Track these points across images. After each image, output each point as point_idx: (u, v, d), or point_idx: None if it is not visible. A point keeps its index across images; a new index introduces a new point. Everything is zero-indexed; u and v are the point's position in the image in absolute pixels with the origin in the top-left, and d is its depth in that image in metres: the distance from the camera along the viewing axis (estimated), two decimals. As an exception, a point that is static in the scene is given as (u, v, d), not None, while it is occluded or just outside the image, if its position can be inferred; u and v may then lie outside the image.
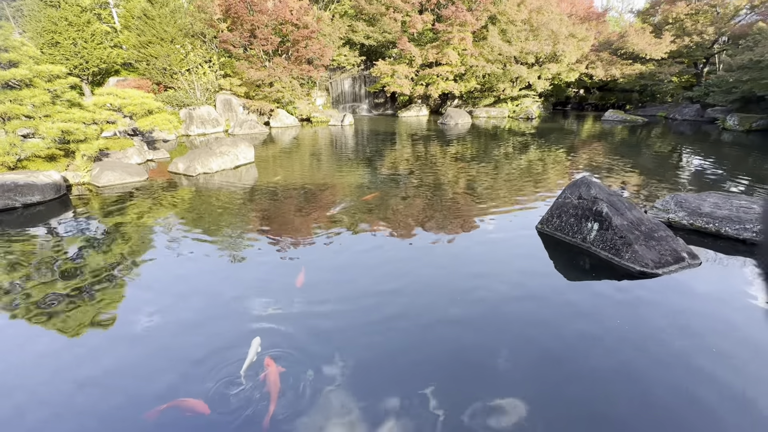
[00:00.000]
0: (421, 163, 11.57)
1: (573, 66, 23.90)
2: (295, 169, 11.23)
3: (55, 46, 21.03)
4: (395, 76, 23.77)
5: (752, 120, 16.07)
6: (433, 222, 6.69)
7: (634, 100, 25.43)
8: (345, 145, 15.37)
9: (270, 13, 19.95)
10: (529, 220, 6.59)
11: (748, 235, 5.36)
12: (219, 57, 22.55)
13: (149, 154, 12.50)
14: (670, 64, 22.56)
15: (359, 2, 25.34)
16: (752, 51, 16.42)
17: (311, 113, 22.63)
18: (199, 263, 5.37)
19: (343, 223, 6.66)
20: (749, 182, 8.68)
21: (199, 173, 10.25)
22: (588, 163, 11.15)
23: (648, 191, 8.16)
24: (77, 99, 10.10)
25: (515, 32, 23.07)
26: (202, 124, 18.69)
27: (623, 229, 4.93)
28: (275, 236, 6.22)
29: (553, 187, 8.81)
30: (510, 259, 5.30)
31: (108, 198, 8.45)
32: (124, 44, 24.97)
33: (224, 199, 8.31)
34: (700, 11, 22.28)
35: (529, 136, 16.42)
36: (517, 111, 24.12)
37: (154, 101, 12.74)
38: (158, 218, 7.14)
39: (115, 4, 27.65)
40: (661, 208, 6.23)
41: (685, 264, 4.78)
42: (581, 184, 5.56)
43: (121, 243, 6.05)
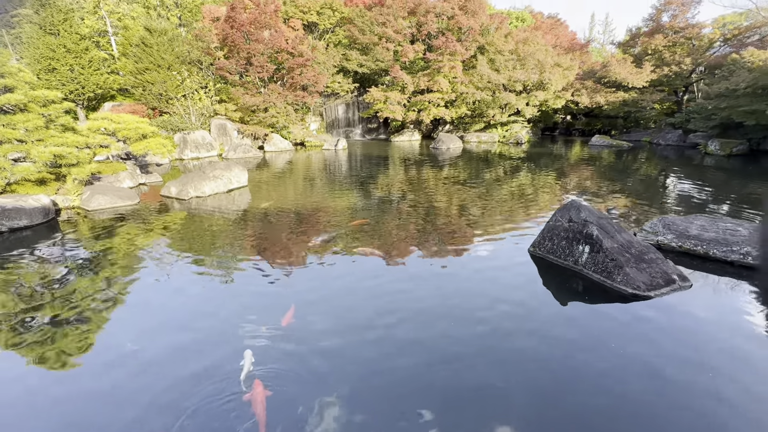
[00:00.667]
0: (414, 186, 11.68)
1: (559, 93, 24.74)
2: (288, 193, 11.24)
3: (51, 71, 21.29)
4: (388, 102, 24.34)
5: (732, 145, 16.63)
6: (427, 246, 6.68)
7: (619, 126, 26.24)
8: (338, 169, 15.50)
9: (266, 42, 20.52)
10: (522, 243, 6.62)
11: (735, 257, 5.43)
12: (215, 83, 22.97)
13: (142, 178, 12.45)
14: (652, 92, 23.47)
15: (353, 32, 26.23)
16: (728, 80, 17.21)
17: (305, 138, 22.93)
18: (188, 289, 5.26)
19: (336, 247, 6.62)
20: (733, 205, 8.89)
21: (192, 197, 10.21)
22: (577, 187, 11.35)
23: (636, 214, 8.29)
24: (71, 123, 10.12)
25: (503, 61, 23.95)
26: (196, 148, 18.78)
27: (614, 251, 4.97)
28: (267, 261, 6.14)
29: (544, 210, 8.91)
30: (504, 283, 5.28)
31: (97, 222, 8.33)
32: (121, 70, 25.37)
33: (216, 223, 8.24)
34: (677, 43, 23.43)
35: (519, 161, 16.75)
36: (507, 136, 24.70)
37: (149, 126, 12.82)
38: (148, 242, 7.03)
39: (114, 33, 28.28)
40: (650, 230, 6.32)
41: (676, 286, 4.81)
42: (571, 208, 5.64)
43: (108, 268, 5.92)
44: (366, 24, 25.86)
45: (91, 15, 28.07)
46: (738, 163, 14.69)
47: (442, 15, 24.97)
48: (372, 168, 15.56)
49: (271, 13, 21.55)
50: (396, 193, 10.78)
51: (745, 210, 8.39)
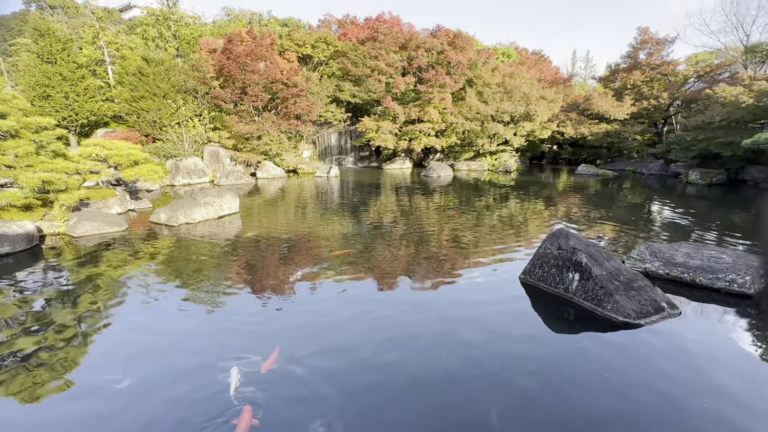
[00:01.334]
0: (406, 214, 11.75)
1: (545, 124, 25.60)
2: (279, 220, 11.21)
3: (46, 98, 21.43)
4: (380, 132, 24.87)
5: (712, 175, 17.22)
6: (418, 273, 6.65)
7: (604, 156, 27.07)
8: (330, 197, 15.58)
9: (261, 73, 21.07)
10: (513, 270, 6.63)
11: (721, 284, 5.51)
12: (209, 111, 23.31)
13: (131, 204, 12.33)
14: (633, 124, 24.45)
15: (346, 65, 27.13)
16: (703, 114, 18.05)
17: (298, 165, 23.14)
18: (172, 318, 5.11)
19: (326, 275, 6.55)
20: (715, 233, 9.09)
21: (182, 223, 10.10)
22: (565, 214, 11.54)
23: (623, 241, 8.41)
24: (62, 149, 10.09)
25: (491, 94, 24.86)
26: (188, 174, 18.78)
27: (603, 279, 5.01)
28: (255, 291, 6.04)
29: (534, 237, 9.00)
30: (496, 311, 5.24)
31: (83, 249, 8.15)
32: (116, 98, 25.66)
33: (205, 250, 8.13)
34: (654, 79, 24.69)
35: (508, 189, 17.06)
36: (496, 164, 25.26)
37: (141, 152, 12.86)
38: (133, 270, 6.88)
39: (111, 62, 28.81)
40: (637, 258, 6.40)
41: (666, 314, 4.83)
42: (560, 235, 5.71)
43: (91, 296, 5.74)
44: (359, 57, 26.80)
45: (90, 45, 28.69)
46: (718, 192, 15.16)
47: (432, 50, 26.05)
48: (364, 195, 15.67)
49: (267, 45, 22.27)
50: (387, 220, 10.82)
51: (727, 237, 8.59)
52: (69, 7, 43.61)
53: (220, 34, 31.44)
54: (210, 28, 36.98)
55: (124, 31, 34.53)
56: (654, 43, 24.54)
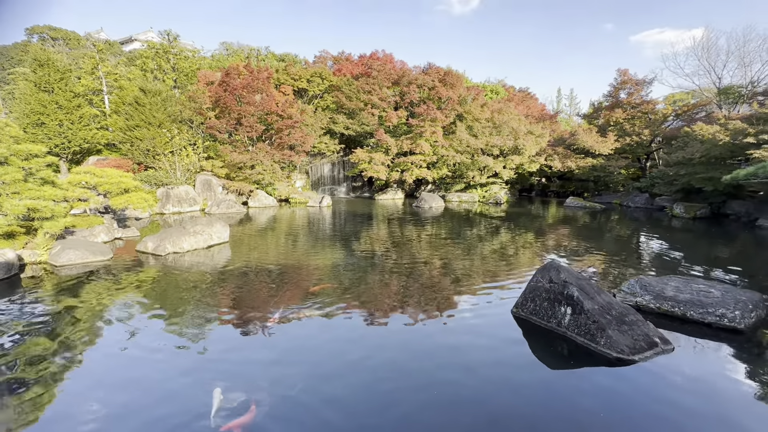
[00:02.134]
0: (397, 244, 11.72)
1: (533, 158, 26.30)
2: (269, 249, 11.07)
3: (40, 126, 21.49)
4: (372, 163, 25.26)
5: (696, 209, 17.66)
6: (410, 306, 6.54)
7: (591, 189, 27.70)
8: (322, 226, 15.52)
9: (257, 105, 21.53)
10: (505, 302, 6.56)
11: (712, 319, 5.50)
12: (204, 141, 23.53)
13: (118, 232, 12.11)
14: (617, 159, 25.25)
15: (340, 99, 27.94)
16: (684, 150, 18.75)
17: (290, 194, 23.20)
18: (155, 353, 4.88)
19: (315, 305, 6.40)
20: (702, 266, 9.20)
21: (169, 253, 9.90)
22: (556, 246, 11.62)
23: (613, 274, 8.44)
24: (51, 177, 10.00)
25: (480, 128, 25.64)
26: (178, 202, 18.65)
27: (595, 313, 4.97)
28: (242, 324, 5.85)
29: (525, 268, 8.99)
30: (488, 346, 5.13)
31: (64, 278, 7.89)
32: (110, 126, 25.84)
33: (191, 280, 7.93)
34: (635, 116, 25.79)
35: (499, 220, 17.22)
36: (487, 196, 25.64)
37: (132, 180, 12.79)
38: (115, 301, 6.64)
39: (108, 92, 29.25)
40: (628, 291, 6.40)
41: (659, 350, 4.77)
42: (551, 268, 5.71)
43: (69, 329, 5.49)
44: (353, 91, 27.67)
45: (89, 75, 29.20)
46: (703, 226, 15.49)
47: (424, 86, 27.04)
48: (356, 225, 15.65)
49: (264, 79, 22.91)
50: (379, 251, 10.75)
51: (714, 271, 8.68)
52: (71, 38, 44.73)
53: (218, 67, 32.35)
54: (209, 61, 38.07)
55: (124, 63, 35.34)
56: (633, 84, 25.84)
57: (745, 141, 15.57)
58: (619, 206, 22.95)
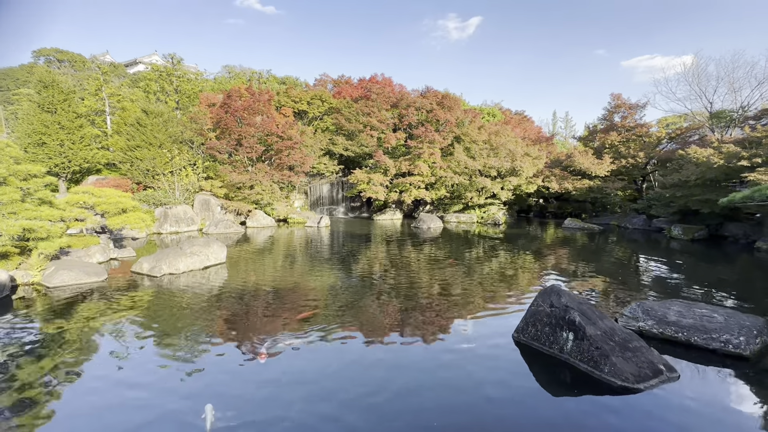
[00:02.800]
0: (396, 265, 11.62)
1: (531, 179, 26.52)
2: (267, 270, 10.95)
3: (41, 146, 21.61)
4: (371, 184, 25.39)
5: (694, 230, 17.69)
6: (409, 329, 6.41)
7: (588, 210, 27.83)
8: (320, 247, 15.44)
9: (258, 126, 21.81)
10: (505, 326, 6.44)
11: (716, 345, 5.40)
12: (203, 161, 23.69)
13: (114, 253, 11.99)
14: (614, 181, 25.47)
15: (340, 120, 28.37)
16: (679, 173, 18.97)
17: (288, 214, 23.17)
18: (147, 376, 4.73)
19: (311, 328, 6.27)
20: (703, 289, 9.12)
21: (165, 274, 9.77)
22: (555, 268, 11.53)
23: (614, 297, 8.35)
24: (49, 197, 9.97)
25: (478, 150, 25.96)
26: (176, 222, 18.57)
27: (598, 339, 4.87)
28: (236, 346, 5.70)
29: (525, 291, 8.88)
30: (490, 372, 4.99)
31: (56, 300, 7.74)
32: (111, 146, 26.02)
33: (185, 303, 7.79)
34: (630, 139, 26.21)
35: (497, 241, 17.18)
36: (485, 217, 25.68)
37: (131, 200, 12.75)
38: (107, 324, 6.49)
39: (111, 113, 29.63)
40: (630, 316, 6.31)
41: (664, 377, 4.65)
42: (551, 293, 5.64)
43: (59, 352, 5.34)
44: (352, 114, 28.13)
45: (92, 96, 29.65)
46: (701, 248, 15.47)
47: (422, 109, 27.54)
48: (354, 246, 15.57)
49: (265, 101, 23.31)
50: (377, 272, 10.65)
51: (715, 294, 8.60)
52: (77, 61, 45.71)
53: (220, 89, 32.97)
54: (211, 84, 38.85)
55: (128, 85, 36.00)
56: (627, 108, 26.40)
57: (739, 164, 15.77)
58: (617, 228, 22.99)
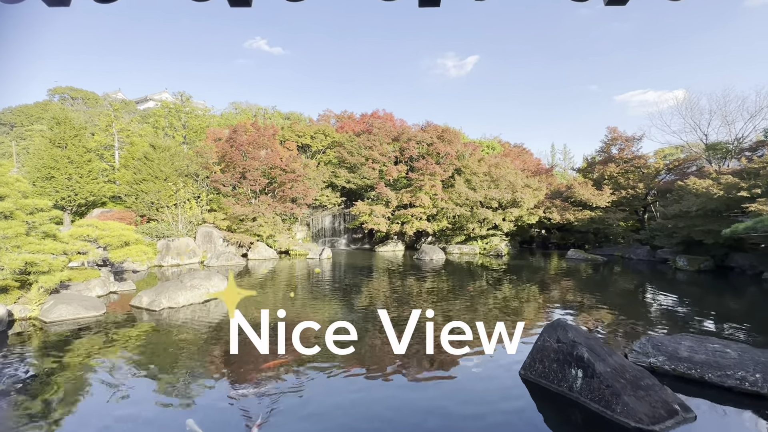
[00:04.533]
0: (398, 298, 11.44)
1: (532, 210, 26.62)
2: (267, 304, 10.80)
3: (49, 179, 22.02)
4: (373, 215, 25.52)
5: (699, 261, 17.49)
6: (411, 365, 6.22)
7: (591, 240, 27.66)
8: (321, 279, 15.29)
9: (262, 160, 22.26)
10: (511, 362, 6.24)
11: (732, 382, 5.19)
12: (207, 194, 24.00)
13: (114, 286, 11.90)
14: (615, 211, 25.50)
15: (342, 154, 28.97)
16: (680, 203, 19.02)
17: (290, 246, 23.13)
18: (144, 413, 4.55)
19: (312, 363, 6.09)
20: (713, 322, 8.88)
21: (164, 308, 9.64)
22: (560, 300, 11.32)
23: (622, 332, 8.13)
24: (53, 230, 10.04)
25: (478, 182, 26.27)
26: (177, 254, 18.54)
27: (608, 376, 4.70)
28: (235, 384, 5.53)
29: (530, 325, 8.68)
30: (496, 412, 4.79)
31: (53, 335, 7.60)
32: (118, 180, 26.51)
33: (184, 337, 7.63)
34: (628, 171, 26.51)
35: (500, 272, 16.99)
36: (488, 248, 25.55)
37: (134, 233, 12.81)
38: (103, 361, 6.33)
39: (119, 147, 30.41)
40: (640, 351, 6.12)
41: (680, 418, 4.44)
42: (558, 327, 5.51)
43: (53, 389, 5.18)
44: (354, 147, 28.77)
45: (103, 131, 30.56)
46: (708, 279, 15.24)
47: (423, 142, 28.17)
48: (356, 278, 15.42)
49: (270, 136, 23.95)
50: (379, 305, 10.47)
51: (726, 328, 8.37)
52: (89, 98, 47.56)
53: (226, 125, 33.96)
54: (218, 119, 40.10)
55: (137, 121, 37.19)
56: (623, 140, 26.89)
57: (739, 195, 15.84)
58: (621, 258, 22.78)
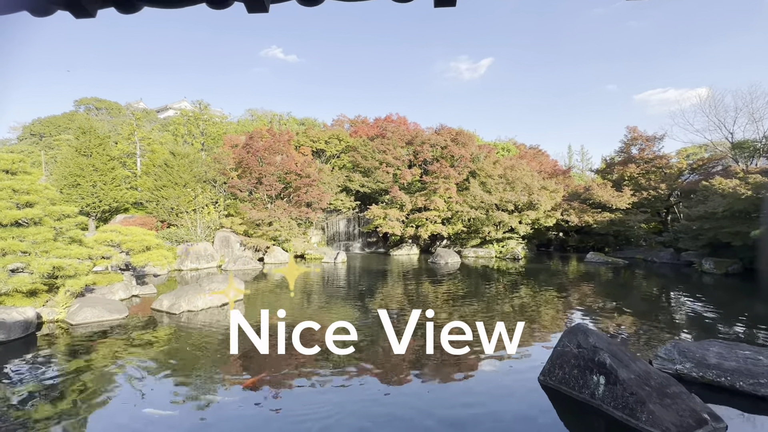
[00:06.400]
0: (413, 302, 11.38)
1: (549, 213, 26.12)
2: (284, 307, 10.89)
3: (75, 187, 22.86)
4: (387, 219, 25.52)
5: (727, 264, 16.79)
6: (427, 371, 6.17)
7: (612, 243, 26.92)
8: (336, 283, 15.34)
9: (277, 165, 22.59)
10: (530, 368, 6.12)
11: (765, 391, 4.95)
12: (225, 199, 24.47)
13: (136, 290, 12.22)
14: (636, 213, 24.73)
15: (356, 158, 29.12)
16: (705, 204, 18.33)
17: (306, 250, 23.32)
18: (164, 416, 4.64)
19: (327, 367, 6.11)
20: (743, 327, 8.51)
21: (183, 311, 9.84)
22: (580, 304, 11.05)
23: (645, 336, 7.87)
24: (79, 235, 10.39)
25: (494, 184, 25.98)
26: (197, 259, 18.92)
27: (632, 383, 4.55)
28: (254, 387, 5.59)
29: (549, 330, 8.50)
30: (516, 421, 4.69)
31: (78, 337, 7.85)
32: (140, 187, 27.31)
33: (204, 340, 7.77)
34: (649, 171, 25.75)
35: (517, 276, 16.71)
36: (504, 251, 25.18)
37: (155, 238, 13.16)
38: (125, 362, 6.50)
39: (141, 155, 31.36)
40: (665, 357, 5.90)
41: (710, 428, 4.25)
42: (578, 332, 5.37)
43: (78, 391, 5.34)
44: (368, 151, 28.90)
45: (125, 140, 31.60)
46: (736, 282, 14.63)
47: (437, 145, 28.09)
48: (370, 282, 15.42)
49: (285, 141, 24.29)
50: (394, 309, 10.44)
51: (757, 333, 8.00)
52: (113, 108, 49.27)
53: (243, 131, 34.61)
54: (234, 126, 40.92)
55: (158, 129, 38.32)
56: (644, 140, 26.17)
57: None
58: (643, 261, 22.10)
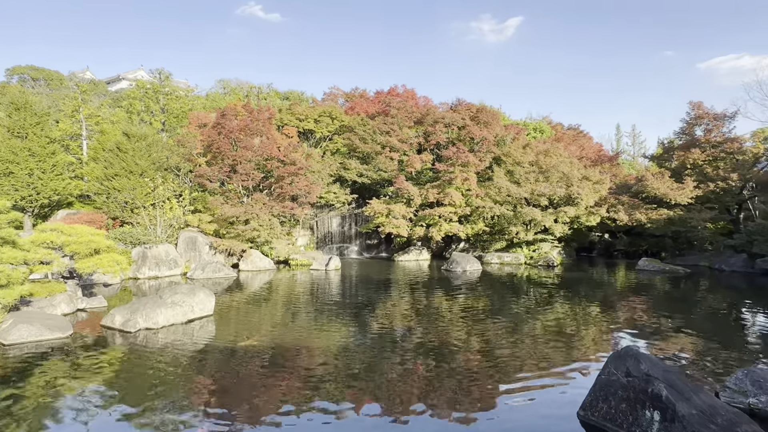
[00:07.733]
0: (423, 320, 11.40)
1: (592, 209, 26.06)
2: (262, 326, 10.96)
3: (8, 175, 22.96)
4: (391, 216, 25.54)
5: (813, 274, 16.73)
6: (441, 404, 6.17)
7: (669, 247, 26.85)
8: (328, 296, 15.39)
9: (255, 150, 22.62)
10: (567, 400, 6.12)
11: None
12: (191, 191, 24.54)
13: (82, 303, 12.29)
14: (700, 210, 24.61)
15: (353, 141, 29.11)
16: (787, 199, 18.27)
17: (290, 255, 23.40)
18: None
19: (320, 398, 6.12)
20: (836, 353, 8.47)
21: (140, 329, 9.90)
22: (629, 323, 11.04)
23: (711, 364, 7.85)
24: (12, 235, 10.46)
25: (523, 174, 25.93)
26: (156, 265, 19.02)
27: (694, 421, 4.53)
28: (223, 421, 5.61)
29: (590, 353, 8.51)
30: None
31: (11, 360, 7.91)
32: (86, 176, 27.42)
33: (164, 365, 7.81)
34: (718, 158, 25.61)
35: (552, 288, 16.71)
36: (535, 257, 25.17)
37: (105, 239, 13.23)
38: (70, 390, 6.55)
39: (88, 136, 31.47)
40: (735, 388, 5.89)
41: (791, 476, 4.24)
42: (627, 357, 5.37)
43: (11, 424, 5.38)
44: (368, 133, 28.87)
45: (68, 118, 31.70)
46: (827, 297, 14.55)
47: (452, 125, 28.03)
48: (370, 294, 15.45)
49: (265, 120, 24.32)
50: (399, 329, 10.47)
51: None
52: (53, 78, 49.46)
53: (213, 107, 34.69)
54: (203, 101, 41.01)
55: (109, 104, 38.43)
56: (711, 118, 26.01)
57: None
58: (708, 269, 22.06)
